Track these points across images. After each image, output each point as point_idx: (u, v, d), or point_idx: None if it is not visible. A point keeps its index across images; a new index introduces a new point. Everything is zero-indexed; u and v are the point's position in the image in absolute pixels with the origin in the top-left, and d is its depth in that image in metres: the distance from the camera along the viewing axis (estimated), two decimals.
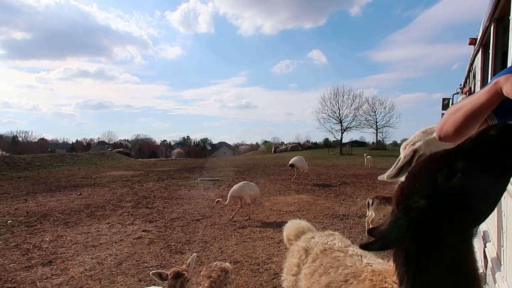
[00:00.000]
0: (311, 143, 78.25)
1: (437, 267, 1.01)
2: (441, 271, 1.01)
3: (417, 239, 1.02)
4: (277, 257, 6.11)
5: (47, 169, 23.04)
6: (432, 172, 1.03)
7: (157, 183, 16.16)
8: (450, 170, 1.00)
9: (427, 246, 1.03)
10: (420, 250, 1.03)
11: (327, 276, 2.23)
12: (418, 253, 1.03)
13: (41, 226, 8.46)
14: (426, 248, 1.03)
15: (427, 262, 1.02)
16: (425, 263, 1.03)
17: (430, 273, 1.02)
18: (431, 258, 1.02)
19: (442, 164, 1.03)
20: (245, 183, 9.27)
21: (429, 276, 1.02)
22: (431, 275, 1.02)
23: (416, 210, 1.00)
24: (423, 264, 1.03)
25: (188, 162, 35.08)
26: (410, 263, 1.05)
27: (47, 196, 12.82)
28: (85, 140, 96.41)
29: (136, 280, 5.26)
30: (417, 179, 1.08)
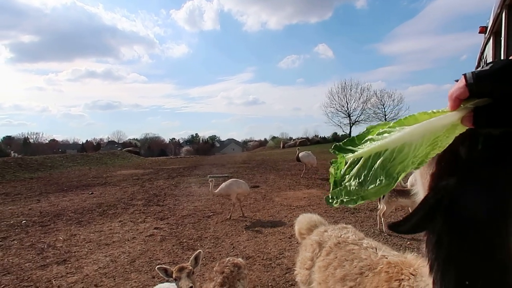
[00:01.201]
0: (319, 137, 77.96)
1: (470, 252, 0.93)
2: (475, 257, 0.93)
3: (449, 222, 0.95)
4: (289, 252, 6.11)
5: (58, 169, 23.27)
6: (454, 148, 0.93)
7: (167, 181, 16.24)
8: (471, 141, 0.89)
9: (460, 229, 0.95)
10: (452, 233, 0.95)
11: (342, 269, 2.22)
12: (450, 236, 0.96)
13: (54, 226, 8.56)
14: (459, 231, 0.95)
15: (459, 247, 0.95)
16: (457, 248, 0.95)
17: (462, 258, 0.94)
18: (463, 242, 0.94)
19: (463, 137, 0.92)
20: (233, 181, 9.01)
21: (462, 262, 0.95)
22: (464, 261, 0.94)
23: (444, 189, 0.93)
24: (455, 249, 0.95)
25: (197, 159, 35.20)
26: (441, 248, 0.98)
27: (59, 196, 12.96)
28: (95, 140, 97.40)
29: (149, 277, 5.30)
30: (442, 160, 0.99)
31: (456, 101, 0.78)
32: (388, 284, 1.82)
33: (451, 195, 0.92)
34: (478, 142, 0.87)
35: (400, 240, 6.42)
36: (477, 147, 0.87)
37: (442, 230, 0.97)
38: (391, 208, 7.09)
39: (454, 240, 0.95)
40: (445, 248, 0.97)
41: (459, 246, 0.95)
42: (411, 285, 1.71)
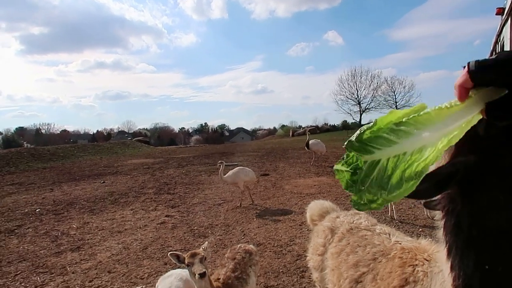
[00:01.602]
0: (329, 125, 77.67)
1: (492, 235, 0.89)
2: (496, 240, 0.88)
3: (469, 203, 0.91)
4: (300, 239, 6.12)
5: (70, 159, 23.56)
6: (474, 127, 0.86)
7: (177, 170, 16.34)
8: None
9: (480, 210, 0.90)
10: (473, 215, 0.91)
11: (354, 255, 2.20)
12: (470, 219, 0.91)
13: (68, 214, 8.69)
14: (479, 213, 0.90)
15: (480, 230, 0.90)
16: (477, 230, 0.90)
17: (483, 242, 0.90)
18: (485, 224, 0.89)
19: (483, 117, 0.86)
20: (240, 169, 8.94)
21: (482, 245, 0.90)
22: (485, 245, 0.90)
23: (463, 163, 0.88)
24: (476, 232, 0.91)
25: (206, 148, 35.31)
26: (461, 231, 0.94)
27: (72, 185, 13.14)
28: (105, 130, 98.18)
29: (161, 264, 5.36)
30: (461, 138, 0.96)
31: (460, 90, 0.76)
32: (402, 269, 1.80)
33: (469, 172, 0.88)
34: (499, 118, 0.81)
35: (412, 227, 6.39)
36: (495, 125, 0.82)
37: (461, 213, 0.93)
38: None
39: (475, 223, 0.91)
40: (465, 231, 0.93)
41: (480, 228, 0.90)
42: (425, 270, 1.69)
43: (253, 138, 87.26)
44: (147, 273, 5.10)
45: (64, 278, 5.05)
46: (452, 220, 0.96)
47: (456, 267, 0.97)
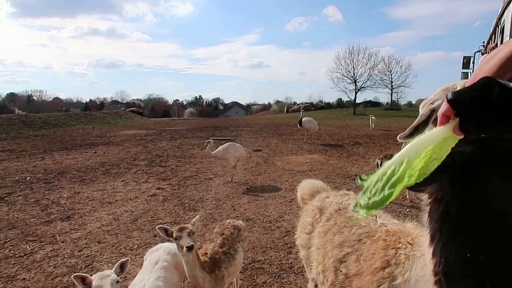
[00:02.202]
0: (324, 103, 77.52)
1: (479, 225, 0.89)
2: (483, 230, 0.89)
3: (460, 192, 0.91)
4: (289, 216, 6.19)
5: (62, 127, 23.36)
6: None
7: (170, 142, 16.31)
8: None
9: (472, 200, 0.90)
10: (463, 204, 0.91)
11: (340, 235, 2.22)
12: (460, 207, 0.92)
13: (58, 183, 8.68)
14: (471, 203, 0.90)
15: (468, 218, 0.90)
16: (466, 219, 0.91)
17: (469, 231, 0.90)
18: (474, 213, 0.90)
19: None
20: (230, 144, 8.92)
21: (468, 234, 0.91)
22: (471, 234, 0.90)
23: (460, 153, 0.88)
24: (464, 221, 0.91)
25: (200, 121, 35.21)
26: (448, 219, 0.94)
27: (63, 154, 13.08)
28: (99, 99, 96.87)
29: (151, 236, 5.41)
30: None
31: (442, 117, 0.83)
32: (385, 251, 1.82)
33: (465, 162, 0.89)
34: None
35: (399, 207, 6.49)
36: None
37: (451, 201, 0.93)
38: None
39: (465, 212, 0.91)
40: (453, 220, 0.93)
41: (469, 217, 0.91)
42: (408, 253, 1.71)
43: (247, 113, 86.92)
44: (136, 245, 5.15)
45: (53, 247, 5.09)
46: (440, 208, 0.96)
47: (438, 254, 0.98)
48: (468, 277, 0.91)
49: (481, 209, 0.89)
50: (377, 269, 1.78)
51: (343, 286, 2.06)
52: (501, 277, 0.88)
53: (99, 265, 4.54)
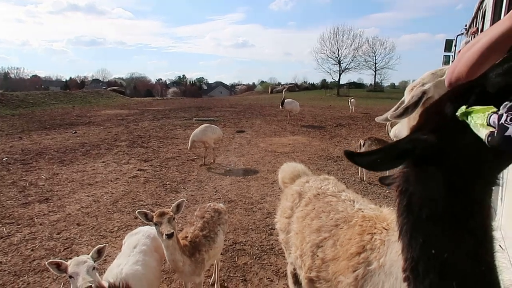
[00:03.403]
0: (308, 84, 77.51)
1: (441, 220, 0.89)
2: (445, 226, 0.89)
3: (422, 184, 0.91)
4: (271, 197, 6.22)
5: (41, 106, 22.74)
6: (440, 105, 0.90)
7: (152, 123, 16.09)
8: (459, 102, 0.84)
9: (432, 194, 0.90)
10: (424, 196, 0.91)
11: (318, 220, 2.23)
12: (421, 200, 0.92)
13: (36, 164, 8.50)
14: (430, 197, 0.90)
15: (429, 213, 0.90)
16: (427, 214, 0.91)
17: (431, 226, 0.91)
18: (435, 208, 0.90)
19: (452, 94, 0.89)
20: (207, 126, 8.80)
21: (430, 230, 0.91)
22: (432, 230, 0.91)
23: (421, 141, 0.88)
24: (425, 216, 0.91)
25: (183, 101, 34.77)
26: (411, 213, 0.94)
27: (42, 134, 12.77)
28: (79, 78, 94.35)
29: (132, 218, 5.37)
30: (426, 114, 0.95)
31: None
32: (361, 237, 1.84)
33: (427, 151, 0.87)
34: (469, 100, 0.82)
35: (379, 189, 6.58)
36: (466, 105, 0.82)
37: (413, 193, 0.93)
38: None
39: (426, 205, 0.91)
40: (415, 213, 0.93)
41: (430, 212, 0.90)
42: (383, 239, 1.72)
43: (231, 93, 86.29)
44: (116, 227, 5.11)
45: (31, 230, 5.01)
46: (404, 201, 0.95)
47: (405, 249, 0.97)
48: (433, 274, 0.90)
49: (442, 203, 0.89)
50: (352, 254, 1.80)
51: (319, 270, 2.08)
52: (466, 275, 0.88)
53: (79, 247, 4.50)
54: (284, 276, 3.80)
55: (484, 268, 0.89)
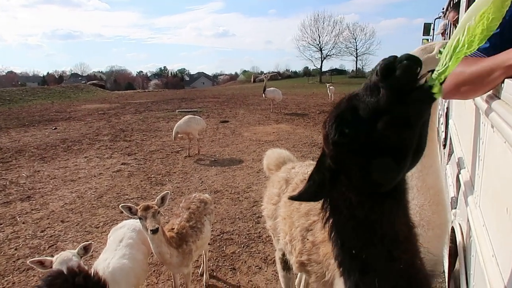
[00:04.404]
0: (291, 72, 77.49)
1: (350, 222, 1.00)
2: (358, 230, 0.99)
3: (335, 195, 1.01)
4: (257, 186, 6.22)
5: (18, 103, 22.18)
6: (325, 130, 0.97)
7: (134, 116, 15.86)
8: (343, 121, 0.92)
9: (343, 203, 1.00)
10: (339, 207, 1.02)
11: (306, 204, 2.23)
12: (338, 210, 1.02)
13: (16, 162, 8.29)
14: (343, 206, 1.00)
15: (344, 220, 1.01)
16: (342, 220, 1.02)
17: (348, 230, 1.01)
18: (343, 212, 1.01)
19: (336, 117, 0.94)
20: (190, 117, 8.72)
21: (348, 233, 1.02)
22: (349, 233, 1.01)
23: (325, 169, 1.00)
24: (341, 221, 1.02)
25: (166, 93, 34.37)
26: (332, 217, 1.04)
27: (20, 131, 12.46)
28: (57, 73, 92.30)
29: (117, 212, 5.30)
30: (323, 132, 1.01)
31: None
32: None
33: (331, 173, 0.99)
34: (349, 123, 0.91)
35: None
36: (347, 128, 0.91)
37: (332, 201, 1.04)
38: None
39: (341, 213, 1.02)
40: (335, 219, 1.04)
41: (345, 218, 1.01)
42: None
43: (214, 83, 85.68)
44: (102, 222, 5.04)
45: (14, 229, 4.90)
46: (327, 209, 1.06)
47: (333, 250, 1.09)
48: (356, 272, 1.02)
49: (352, 212, 0.99)
50: None
51: (310, 253, 2.09)
52: (385, 273, 0.99)
53: (64, 244, 4.42)
54: (273, 263, 3.82)
55: (403, 266, 1.00)
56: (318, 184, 1.02)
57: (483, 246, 1.49)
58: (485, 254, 1.43)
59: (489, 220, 1.49)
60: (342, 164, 0.97)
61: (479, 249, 1.54)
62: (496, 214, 1.32)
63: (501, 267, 1.21)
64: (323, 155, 1.04)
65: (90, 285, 1.65)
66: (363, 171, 0.92)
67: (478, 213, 1.70)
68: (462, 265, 1.96)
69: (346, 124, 0.90)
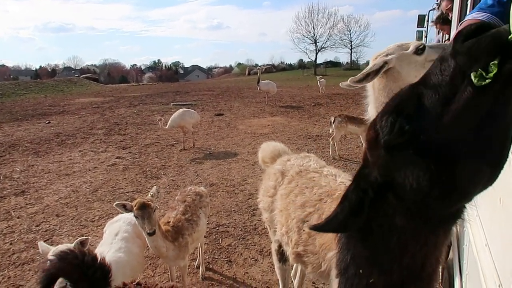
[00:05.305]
0: (285, 64, 77.31)
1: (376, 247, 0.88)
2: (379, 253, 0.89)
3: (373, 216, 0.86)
4: (252, 179, 6.23)
5: (11, 97, 21.95)
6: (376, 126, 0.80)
7: (128, 109, 15.77)
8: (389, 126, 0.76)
9: (376, 223, 0.86)
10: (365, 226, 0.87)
11: (302, 196, 2.24)
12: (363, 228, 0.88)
13: (10, 157, 8.23)
14: (372, 225, 0.87)
15: (365, 240, 0.89)
16: (362, 240, 0.90)
17: (364, 251, 0.91)
18: (372, 236, 0.88)
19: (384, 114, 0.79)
20: (184, 111, 8.69)
21: (363, 253, 0.91)
22: (365, 253, 0.91)
23: (366, 181, 0.85)
24: (361, 241, 0.91)
25: (160, 86, 34.16)
26: (351, 236, 0.93)
27: (13, 126, 12.35)
28: (50, 66, 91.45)
29: (112, 206, 5.23)
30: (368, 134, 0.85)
31: None
32: None
33: (376, 190, 0.83)
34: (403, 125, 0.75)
35: (358, 165, 6.66)
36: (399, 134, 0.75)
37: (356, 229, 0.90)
38: (340, 133, 7.29)
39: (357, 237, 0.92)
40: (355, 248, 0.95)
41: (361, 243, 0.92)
42: None
43: (208, 76, 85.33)
44: (97, 216, 5.03)
45: (8, 223, 4.88)
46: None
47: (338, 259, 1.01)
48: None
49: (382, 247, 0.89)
50: None
51: (306, 244, 2.10)
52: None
53: (59, 239, 4.41)
54: (269, 255, 3.84)
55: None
56: (353, 207, 0.84)
57: (476, 235, 1.51)
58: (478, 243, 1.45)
59: (482, 210, 1.50)
60: (395, 175, 0.78)
61: (472, 239, 1.55)
62: (489, 204, 1.34)
63: (494, 256, 1.23)
64: (365, 166, 0.87)
65: (97, 266, 1.68)
66: (424, 182, 0.73)
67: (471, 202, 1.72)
68: (456, 254, 1.98)
69: (407, 118, 0.73)
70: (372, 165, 0.84)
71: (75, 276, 1.65)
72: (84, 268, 1.65)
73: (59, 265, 1.67)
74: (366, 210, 0.83)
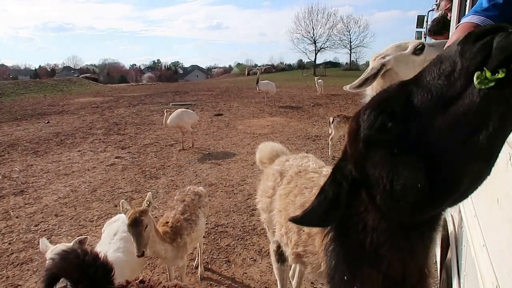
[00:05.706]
0: (285, 64, 77.28)
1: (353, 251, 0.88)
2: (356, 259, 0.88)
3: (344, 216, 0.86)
4: (251, 179, 6.23)
5: (10, 97, 21.91)
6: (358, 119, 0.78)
7: (128, 109, 15.76)
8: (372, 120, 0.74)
9: (351, 221, 0.86)
10: (342, 224, 0.88)
11: (301, 196, 2.24)
12: (341, 227, 0.88)
13: (9, 156, 8.23)
14: (348, 223, 0.86)
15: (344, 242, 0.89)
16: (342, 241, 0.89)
17: (345, 255, 0.90)
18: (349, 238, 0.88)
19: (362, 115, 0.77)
20: (183, 111, 8.69)
21: (344, 258, 0.91)
22: (345, 258, 0.90)
23: (342, 176, 0.84)
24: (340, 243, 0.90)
25: (159, 86, 34.13)
26: (334, 238, 0.92)
27: (13, 125, 12.34)
28: (49, 66, 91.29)
29: (111, 206, 5.29)
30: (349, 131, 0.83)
31: None
32: None
33: (350, 184, 0.82)
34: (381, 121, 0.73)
35: None
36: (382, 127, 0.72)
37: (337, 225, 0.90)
38: (339, 133, 7.29)
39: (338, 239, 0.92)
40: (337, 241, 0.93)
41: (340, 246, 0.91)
42: None
43: (208, 76, 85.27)
44: (96, 216, 5.03)
45: (7, 223, 4.88)
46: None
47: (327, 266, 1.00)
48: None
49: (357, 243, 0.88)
50: None
51: (306, 245, 2.10)
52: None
53: (58, 238, 4.41)
54: (267, 255, 3.84)
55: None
56: (330, 200, 0.83)
57: (474, 236, 1.51)
58: (476, 243, 1.45)
59: (480, 210, 1.50)
60: (369, 173, 0.77)
61: (470, 239, 1.55)
62: (487, 205, 1.34)
63: (492, 256, 1.23)
64: (343, 159, 0.86)
65: (98, 265, 1.68)
66: (398, 186, 0.71)
67: (469, 203, 1.72)
68: (454, 254, 1.98)
69: (391, 115, 0.70)
70: (349, 157, 0.82)
71: (75, 276, 1.65)
72: (85, 268, 1.65)
73: (60, 264, 1.68)
74: (343, 203, 0.82)
